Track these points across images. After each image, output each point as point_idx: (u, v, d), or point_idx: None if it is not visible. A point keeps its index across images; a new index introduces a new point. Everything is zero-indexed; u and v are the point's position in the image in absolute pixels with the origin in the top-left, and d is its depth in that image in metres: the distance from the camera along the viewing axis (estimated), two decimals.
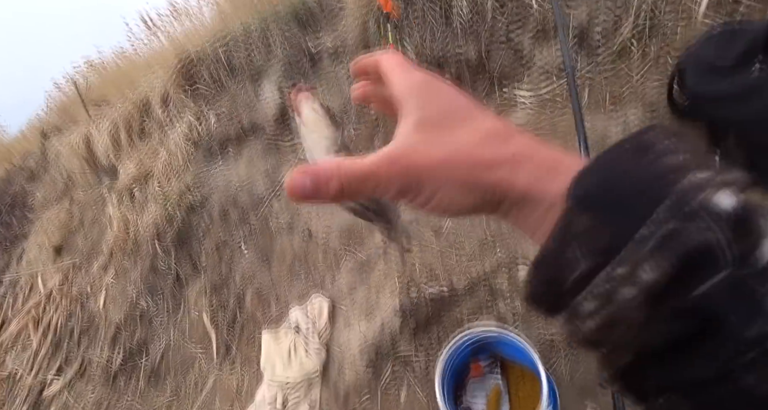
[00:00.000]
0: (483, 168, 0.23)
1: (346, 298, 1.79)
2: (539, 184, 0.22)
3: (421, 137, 0.25)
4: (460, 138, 0.24)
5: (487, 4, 2.16)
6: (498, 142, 0.24)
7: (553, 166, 0.22)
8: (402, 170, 0.24)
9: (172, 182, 2.83)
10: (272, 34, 3.24)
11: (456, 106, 0.26)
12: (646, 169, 0.18)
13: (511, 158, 0.23)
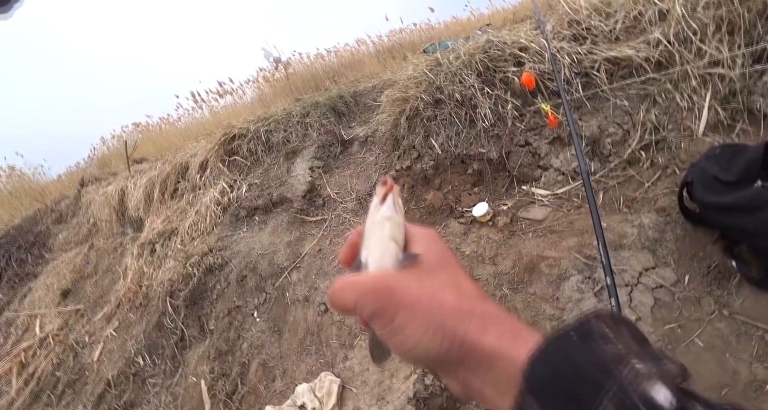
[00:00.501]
0: (457, 316, 0.25)
1: (357, 379, 1.74)
2: (505, 347, 0.24)
3: (414, 276, 0.28)
4: (447, 288, 0.27)
5: (507, 113, 2.45)
6: (476, 299, 0.27)
7: (517, 333, 0.25)
8: (385, 293, 0.27)
9: (195, 242, 2.93)
10: (311, 121, 3.62)
11: (450, 264, 0.30)
12: (589, 358, 0.21)
13: (485, 316, 0.26)
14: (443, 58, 2.78)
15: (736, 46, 1.86)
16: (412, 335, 0.26)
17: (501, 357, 0.24)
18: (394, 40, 6.51)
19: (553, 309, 1.60)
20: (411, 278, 0.28)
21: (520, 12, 4.51)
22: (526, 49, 2.47)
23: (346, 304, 0.29)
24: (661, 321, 1.37)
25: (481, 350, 0.24)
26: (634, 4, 2.23)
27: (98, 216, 3.88)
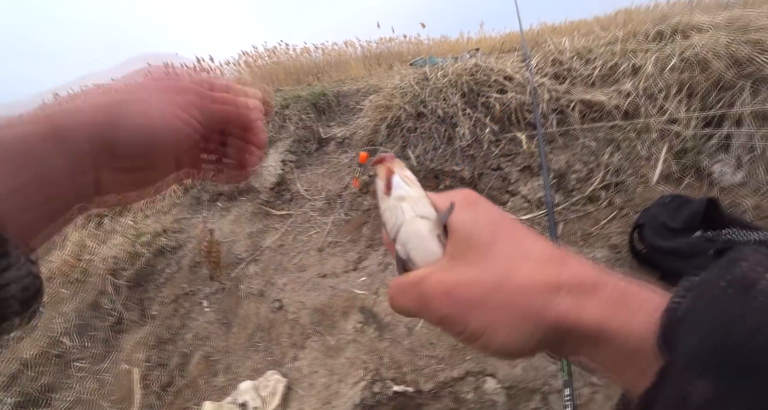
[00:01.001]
0: (540, 295, 0.21)
1: (305, 381, 1.71)
2: (614, 320, 0.19)
3: (470, 260, 0.24)
4: (514, 262, 0.23)
5: (485, 136, 2.55)
6: (555, 264, 0.22)
7: (622, 296, 0.20)
8: (444, 297, 0.23)
9: (149, 220, 2.77)
10: (290, 113, 3.56)
11: (506, 227, 0.25)
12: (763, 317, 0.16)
13: (574, 285, 0.21)
14: (431, 73, 2.86)
15: (692, 108, 2.06)
16: (495, 336, 0.22)
17: (610, 334, 0.19)
18: (383, 48, 6.58)
19: None
20: (467, 266, 0.24)
21: (507, 43, 4.73)
22: (510, 78, 2.59)
23: (408, 313, 0.25)
24: None
25: (581, 328, 0.20)
26: (612, 55, 2.41)
27: None
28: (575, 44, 2.61)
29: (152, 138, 0.28)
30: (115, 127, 0.26)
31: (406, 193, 0.29)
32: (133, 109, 0.27)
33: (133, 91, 0.29)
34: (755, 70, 1.87)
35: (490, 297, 0.22)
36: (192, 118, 0.30)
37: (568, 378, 1.17)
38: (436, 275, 0.24)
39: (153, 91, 0.29)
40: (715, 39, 2.04)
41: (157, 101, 0.28)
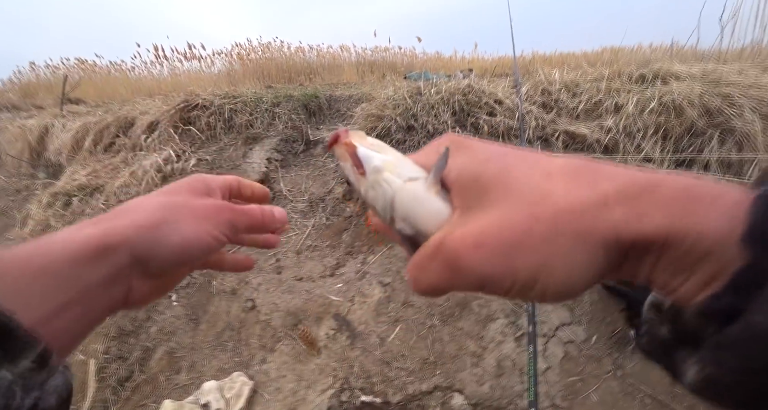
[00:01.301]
0: (585, 212, 0.18)
1: (272, 385, 1.68)
2: (683, 221, 0.17)
3: (488, 204, 0.21)
4: (538, 186, 0.20)
5: None
6: (587, 177, 0.19)
7: (687, 193, 0.17)
8: (476, 257, 0.19)
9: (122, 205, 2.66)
10: (280, 112, 3.54)
11: (509, 154, 0.22)
12: None
13: (619, 192, 0.18)
14: (425, 89, 2.92)
15: (666, 150, 2.20)
16: (551, 277, 0.19)
17: (680, 238, 0.17)
18: (377, 56, 6.66)
19: (476, 347, 1.70)
20: (488, 209, 0.20)
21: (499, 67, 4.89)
22: (500, 102, 2.68)
23: (437, 289, 0.22)
24: (567, 372, 1.53)
25: (644, 238, 0.17)
26: (597, 91, 2.54)
27: (5, 148, 3.36)
28: (564, 77, 2.74)
29: (184, 256, 0.30)
30: (154, 245, 0.28)
31: (381, 162, 0.25)
32: (171, 230, 0.29)
33: (174, 209, 0.30)
34: (723, 121, 2.02)
35: (530, 233, 0.18)
36: (223, 234, 0.32)
37: (533, 399, 1.21)
38: (457, 232, 0.20)
39: (191, 211, 0.31)
40: (690, 88, 2.20)
41: (194, 221, 0.30)
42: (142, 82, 5.85)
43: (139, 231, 0.28)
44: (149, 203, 0.30)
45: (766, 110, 1.97)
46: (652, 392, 1.42)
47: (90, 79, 5.78)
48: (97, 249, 0.25)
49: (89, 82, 5.63)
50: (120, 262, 0.26)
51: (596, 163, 0.20)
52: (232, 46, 6.31)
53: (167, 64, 6.02)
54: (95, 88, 5.46)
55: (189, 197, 0.32)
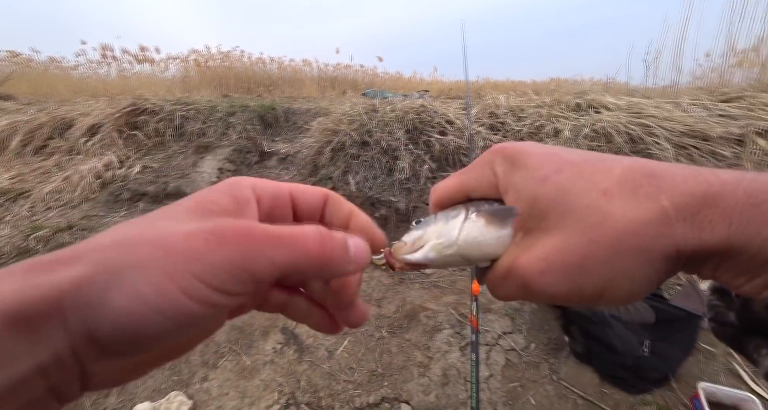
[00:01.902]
0: (646, 233, 0.18)
1: (213, 404, 1.60)
2: (744, 232, 0.17)
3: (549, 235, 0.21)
4: (597, 210, 0.19)
5: (423, 172, 2.71)
6: (646, 192, 0.19)
7: (748, 201, 0.17)
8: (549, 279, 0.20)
9: (51, 213, 2.46)
10: (235, 122, 3.48)
11: (569, 174, 0.21)
12: None
13: (680, 208, 0.18)
14: (380, 106, 3.01)
15: None
16: (617, 290, 0.20)
17: (740, 247, 0.17)
18: (338, 73, 6.75)
19: (423, 357, 1.73)
20: (549, 233, 0.21)
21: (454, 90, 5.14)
22: (451, 123, 2.82)
23: (515, 299, 0.23)
24: (508, 378, 1.60)
25: (705, 250, 0.18)
26: (539, 117, 2.76)
27: None
28: (510, 102, 2.95)
29: (135, 332, 0.18)
30: (91, 313, 0.17)
31: (429, 253, 0.26)
32: (114, 284, 0.17)
33: (136, 244, 0.18)
34: (643, 148, 2.27)
35: (592, 256, 0.19)
36: (224, 291, 0.19)
37: (475, 406, 1.25)
38: (523, 258, 0.21)
39: (161, 246, 0.18)
40: (617, 118, 2.45)
41: (160, 266, 0.18)
42: (85, 82, 5.50)
43: (74, 288, 0.17)
44: (120, 233, 0.19)
45: (677, 140, 2.24)
46: (584, 393, 1.52)
47: (24, 75, 5.33)
48: (12, 314, 0.16)
49: (23, 78, 5.20)
50: (52, 339, 0.17)
51: (655, 168, 0.20)
52: (189, 51, 6.14)
53: (116, 65, 5.73)
54: (30, 85, 5.05)
55: (185, 217, 0.20)
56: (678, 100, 2.80)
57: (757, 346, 0.20)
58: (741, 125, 2.25)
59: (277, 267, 0.19)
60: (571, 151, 0.23)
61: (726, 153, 2.16)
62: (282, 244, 0.20)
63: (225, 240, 0.19)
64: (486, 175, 0.25)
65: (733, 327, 0.21)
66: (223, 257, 0.18)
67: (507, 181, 0.24)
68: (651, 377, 1.49)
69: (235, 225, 0.20)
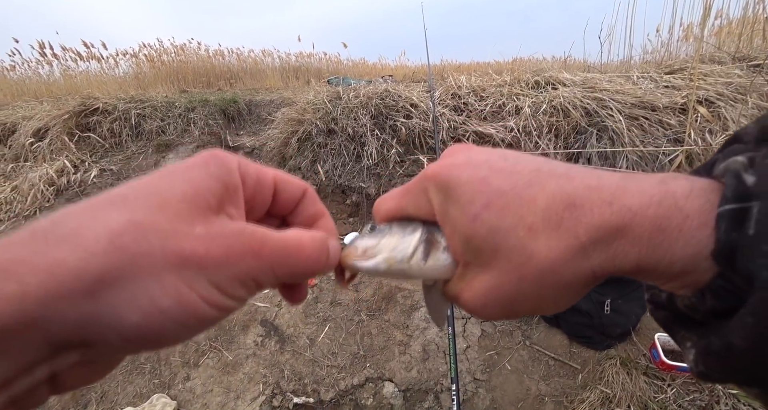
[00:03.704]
0: (567, 267, 0.20)
1: (198, 402, 1.60)
2: (652, 257, 0.19)
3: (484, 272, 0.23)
4: (523, 250, 0.21)
5: (391, 156, 2.73)
6: (567, 226, 0.20)
7: (656, 228, 0.19)
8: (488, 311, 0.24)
9: (3, 225, 2.32)
10: (195, 117, 3.36)
11: (499, 210, 0.22)
12: None
13: (596, 240, 0.20)
14: (344, 93, 2.98)
15: (558, 146, 2.51)
16: (546, 310, 0.24)
17: (650, 268, 0.20)
18: (301, 62, 6.60)
19: (402, 336, 1.78)
20: (484, 270, 0.23)
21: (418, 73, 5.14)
22: (416, 106, 2.84)
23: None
24: (484, 348, 1.68)
25: (619, 271, 0.21)
26: (501, 95, 2.82)
27: None
28: (472, 83, 2.99)
29: (149, 340, 0.17)
30: (93, 328, 0.16)
31: (382, 262, 0.27)
32: (126, 299, 0.16)
33: (138, 250, 0.17)
34: (599, 121, 2.38)
35: (521, 292, 0.22)
36: (235, 297, 0.20)
37: (454, 376, 1.31)
38: (465, 292, 0.25)
39: (172, 254, 0.18)
40: (573, 93, 2.54)
41: (174, 275, 0.17)
42: (25, 85, 5.12)
43: (62, 303, 0.15)
44: (100, 225, 0.17)
45: (628, 111, 2.36)
46: (554, 355, 1.62)
47: None
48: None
49: None
50: (25, 358, 0.15)
51: (576, 197, 0.21)
52: (140, 46, 5.81)
53: (58, 63, 5.35)
54: None
55: (189, 214, 0.19)
56: (629, 73, 2.92)
57: (683, 338, 0.21)
58: (683, 95, 2.39)
59: (278, 278, 0.21)
60: (501, 170, 0.23)
61: (672, 121, 2.30)
62: (288, 259, 0.21)
63: (239, 252, 0.20)
64: (423, 204, 0.26)
65: (665, 310, 0.23)
66: (239, 269, 0.19)
67: (443, 215, 0.25)
68: (614, 333, 1.60)
69: (248, 238, 0.20)
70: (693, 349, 0.20)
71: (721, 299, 0.18)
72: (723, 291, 0.18)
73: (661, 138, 2.29)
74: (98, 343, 0.17)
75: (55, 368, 0.17)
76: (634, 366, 1.48)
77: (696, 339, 0.20)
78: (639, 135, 2.32)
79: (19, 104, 3.75)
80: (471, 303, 0.24)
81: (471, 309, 0.24)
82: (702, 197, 0.19)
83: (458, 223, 0.23)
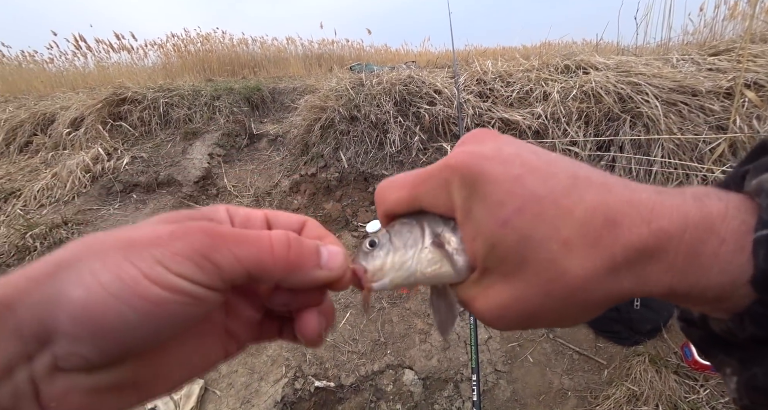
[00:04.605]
0: (597, 287, 0.19)
1: (224, 382, 1.66)
2: (684, 282, 0.18)
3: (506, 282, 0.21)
4: (554, 264, 0.19)
5: (414, 144, 2.69)
6: (604, 243, 0.19)
7: (690, 253, 0.18)
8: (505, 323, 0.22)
9: (45, 210, 2.45)
10: (220, 105, 3.42)
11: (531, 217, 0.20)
12: None
13: (630, 260, 0.19)
14: (367, 79, 2.95)
15: (588, 133, 2.41)
16: (564, 325, 0.22)
17: (683, 294, 0.19)
18: (324, 49, 6.58)
19: (423, 324, 1.78)
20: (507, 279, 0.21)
21: (442, 59, 5.03)
22: (440, 92, 2.78)
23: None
24: (507, 339, 1.66)
25: (648, 294, 0.20)
26: (528, 81, 2.71)
27: None
28: (498, 68, 2.89)
29: (106, 320, 0.17)
30: (46, 308, 0.16)
31: (389, 282, 0.26)
32: (71, 276, 0.17)
33: (96, 241, 0.18)
34: (633, 107, 2.25)
35: (545, 308, 0.20)
36: (190, 279, 0.18)
37: (475, 366, 1.30)
38: (480, 301, 0.23)
39: (123, 238, 0.18)
40: (606, 78, 2.42)
41: (120, 255, 0.18)
42: (63, 76, 5.34)
43: (30, 283, 0.17)
44: (90, 236, 0.19)
45: (666, 96, 2.23)
46: (579, 349, 1.58)
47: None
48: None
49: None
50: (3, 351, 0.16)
51: (616, 212, 0.19)
52: (168, 36, 5.94)
53: (92, 55, 5.54)
54: (4, 82, 4.91)
55: (157, 223, 0.21)
56: (668, 56, 2.75)
57: (722, 363, 0.20)
58: (729, 78, 2.23)
59: (241, 264, 0.20)
60: (536, 170, 0.21)
61: (715, 107, 2.15)
62: (246, 242, 0.20)
63: (189, 231, 0.19)
64: (442, 198, 0.24)
65: (699, 329, 0.22)
66: (185, 244, 0.18)
67: (466, 214, 0.22)
68: (643, 329, 1.55)
69: (202, 223, 0.21)
70: (734, 377, 0.19)
71: (762, 327, 0.17)
72: (763, 318, 0.17)
73: (702, 125, 2.15)
74: (57, 332, 0.16)
75: (34, 374, 0.17)
76: (663, 364, 1.42)
77: (737, 365, 0.19)
78: (677, 121, 2.19)
79: (57, 95, 3.93)
80: (485, 313, 0.22)
81: (483, 319, 0.23)
82: (737, 218, 0.18)
83: (484, 226, 0.21)
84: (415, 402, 1.51)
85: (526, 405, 1.45)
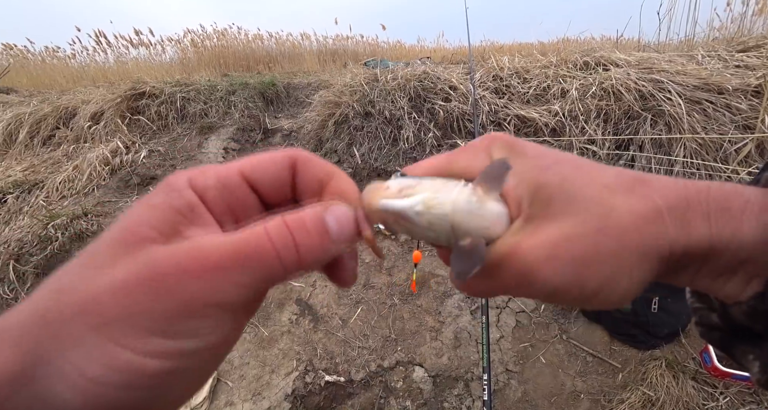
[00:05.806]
0: (648, 228, 0.19)
1: (235, 373, 1.68)
2: (723, 233, 0.18)
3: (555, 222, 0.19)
4: (601, 202, 0.19)
5: (428, 140, 2.67)
6: (641, 191, 0.19)
7: (722, 205, 0.18)
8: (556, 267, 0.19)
9: (66, 201, 2.51)
10: (236, 100, 3.45)
11: (569, 168, 0.21)
12: None
13: (670, 208, 0.19)
14: (382, 75, 2.93)
15: (607, 132, 2.35)
16: (615, 288, 0.19)
17: (721, 248, 0.18)
18: (339, 45, 6.57)
19: (434, 322, 1.78)
20: (555, 220, 0.20)
21: (457, 55, 4.97)
22: (455, 88, 2.75)
23: (493, 294, 0.23)
24: (518, 339, 1.64)
25: (691, 251, 0.19)
26: (545, 77, 2.66)
27: None
28: (515, 64, 2.84)
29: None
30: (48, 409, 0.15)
31: (419, 202, 0.21)
32: (58, 376, 0.15)
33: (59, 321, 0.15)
34: (654, 105, 2.19)
35: (599, 248, 0.19)
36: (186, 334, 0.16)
37: (486, 365, 1.29)
38: (527, 242, 0.20)
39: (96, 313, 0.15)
40: (627, 74, 2.35)
41: (103, 337, 0.15)
42: (84, 71, 5.47)
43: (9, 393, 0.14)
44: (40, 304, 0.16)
45: (690, 94, 2.16)
46: (593, 351, 1.56)
47: (22, 68, 5.33)
48: None
49: (21, 69, 5.19)
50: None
51: (642, 174, 0.21)
52: (185, 32, 6.01)
53: (112, 51, 5.65)
54: (29, 77, 5.06)
55: (110, 257, 0.17)
56: (692, 53, 2.66)
57: (744, 352, 0.20)
58: (759, 76, 2.15)
59: (247, 287, 0.17)
60: (565, 155, 0.23)
61: (742, 105, 2.08)
62: (244, 260, 0.17)
63: (167, 280, 0.16)
64: (481, 159, 0.23)
65: (719, 330, 0.22)
66: (174, 300, 0.15)
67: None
68: (660, 333, 1.51)
69: (174, 258, 0.16)
70: (757, 361, 0.19)
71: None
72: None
73: (728, 124, 2.08)
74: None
75: None
76: (681, 369, 1.39)
77: (759, 351, 0.19)
78: (701, 120, 2.12)
79: (78, 89, 4.02)
80: (532, 256, 0.19)
81: (528, 266, 0.19)
82: (756, 190, 0.19)
83: (526, 172, 0.21)
84: (425, 399, 1.50)
85: (537, 406, 1.44)
